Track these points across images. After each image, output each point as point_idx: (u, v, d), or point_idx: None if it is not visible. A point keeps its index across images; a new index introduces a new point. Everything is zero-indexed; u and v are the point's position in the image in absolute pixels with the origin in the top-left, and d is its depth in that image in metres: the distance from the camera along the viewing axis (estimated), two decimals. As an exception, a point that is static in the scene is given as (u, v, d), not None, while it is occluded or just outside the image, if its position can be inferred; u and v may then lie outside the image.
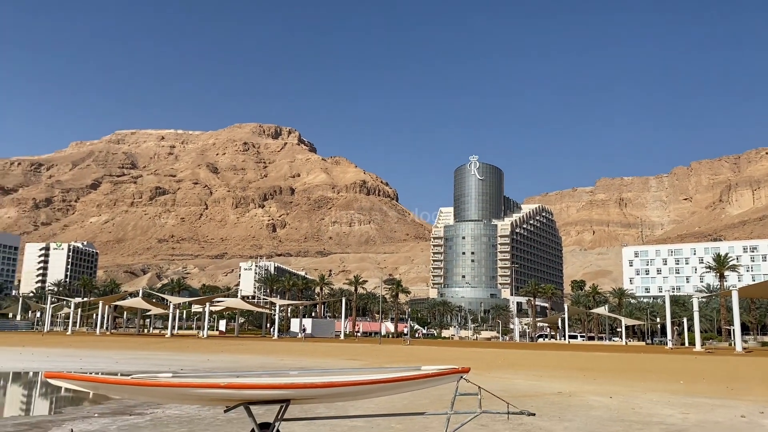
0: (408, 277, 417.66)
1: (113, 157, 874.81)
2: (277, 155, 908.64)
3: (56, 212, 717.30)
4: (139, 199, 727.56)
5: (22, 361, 43.18)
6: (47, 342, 70.07)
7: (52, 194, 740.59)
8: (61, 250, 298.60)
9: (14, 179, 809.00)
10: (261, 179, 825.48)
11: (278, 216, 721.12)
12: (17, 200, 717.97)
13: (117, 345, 67.45)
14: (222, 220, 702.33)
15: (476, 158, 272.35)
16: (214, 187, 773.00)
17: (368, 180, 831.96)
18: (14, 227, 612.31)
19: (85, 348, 60.29)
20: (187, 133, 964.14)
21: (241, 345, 72.18)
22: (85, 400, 22.00)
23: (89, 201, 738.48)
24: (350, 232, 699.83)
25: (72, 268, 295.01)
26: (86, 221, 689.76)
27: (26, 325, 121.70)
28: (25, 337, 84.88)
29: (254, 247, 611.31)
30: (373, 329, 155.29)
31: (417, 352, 59.75)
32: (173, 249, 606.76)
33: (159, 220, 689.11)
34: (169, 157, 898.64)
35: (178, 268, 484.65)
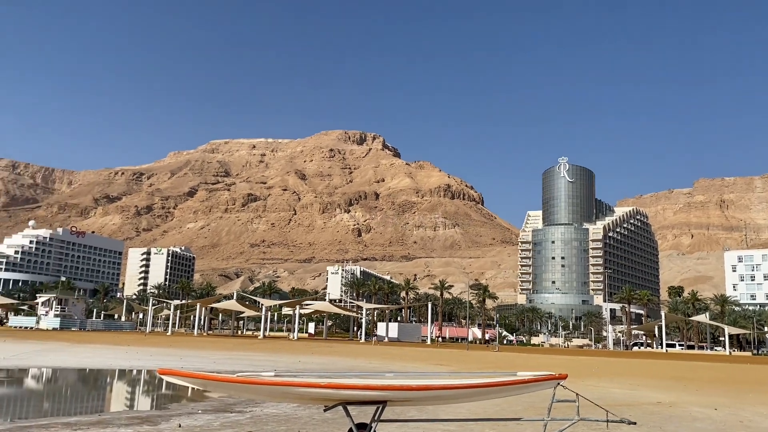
0: (495, 282, 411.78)
1: (208, 166, 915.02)
2: (362, 161, 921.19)
3: (156, 219, 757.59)
4: (233, 206, 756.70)
5: (128, 359, 45.91)
6: (150, 342, 74.10)
7: (152, 202, 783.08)
8: (161, 255, 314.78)
9: (118, 188, 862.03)
10: (346, 185, 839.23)
11: (363, 221, 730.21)
12: (121, 208, 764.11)
13: (213, 345, 70.39)
14: (309, 225, 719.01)
15: (565, 159, 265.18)
16: (302, 193, 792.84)
17: (453, 184, 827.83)
18: (118, 233, 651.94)
19: (184, 348, 63.31)
20: (277, 142, 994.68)
21: (330, 347, 73.59)
22: (185, 398, 23.15)
23: (186, 208, 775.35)
24: (435, 236, 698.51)
25: (171, 271, 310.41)
26: (184, 227, 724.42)
27: (130, 325, 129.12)
28: (129, 336, 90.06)
29: (340, 251, 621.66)
30: (459, 335, 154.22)
31: (506, 358, 58.79)
32: (264, 253, 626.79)
33: (251, 226, 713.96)
34: (260, 165, 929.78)
35: (269, 272, 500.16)
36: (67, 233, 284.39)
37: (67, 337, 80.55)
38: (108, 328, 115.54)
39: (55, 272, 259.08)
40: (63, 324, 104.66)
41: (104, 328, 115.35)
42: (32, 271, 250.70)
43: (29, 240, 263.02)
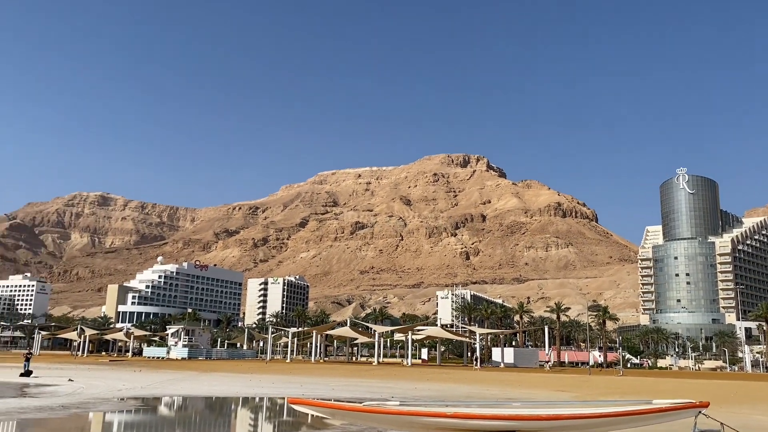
0: (614, 302, 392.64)
1: (317, 197, 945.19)
2: (466, 183, 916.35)
3: (271, 250, 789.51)
4: (342, 234, 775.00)
5: (252, 387, 47.69)
6: (271, 369, 76.72)
7: (267, 234, 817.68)
8: (278, 284, 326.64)
9: (236, 222, 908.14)
10: (452, 208, 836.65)
11: (471, 244, 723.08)
12: (239, 241, 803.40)
13: (330, 372, 71.74)
14: (417, 250, 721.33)
15: (684, 170, 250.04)
16: (408, 219, 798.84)
17: (563, 202, 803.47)
18: (238, 265, 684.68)
19: (303, 375, 64.97)
20: (381, 170, 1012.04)
21: (445, 373, 72.82)
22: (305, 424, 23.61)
23: (299, 238, 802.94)
24: (547, 257, 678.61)
25: (287, 300, 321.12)
26: (297, 257, 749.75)
27: (252, 353, 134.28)
28: (252, 364, 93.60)
29: (449, 275, 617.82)
30: (579, 359, 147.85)
31: (633, 383, 55.58)
32: (374, 279, 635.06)
33: (360, 253, 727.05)
34: (365, 193, 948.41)
35: (379, 298, 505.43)
36: (191, 267, 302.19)
37: (195, 366, 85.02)
38: (231, 357, 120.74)
39: (182, 304, 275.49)
40: (191, 353, 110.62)
41: (228, 356, 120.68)
42: (162, 303, 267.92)
43: (158, 275, 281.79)
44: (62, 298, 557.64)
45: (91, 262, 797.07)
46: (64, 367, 77.30)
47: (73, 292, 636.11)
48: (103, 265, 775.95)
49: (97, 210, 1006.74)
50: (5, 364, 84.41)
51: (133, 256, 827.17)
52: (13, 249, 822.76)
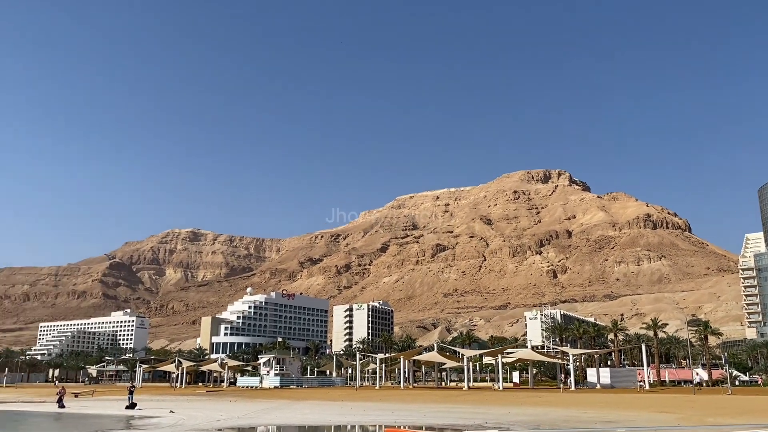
0: (715, 316, 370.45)
1: (396, 221, 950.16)
2: (548, 199, 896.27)
3: (354, 276, 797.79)
4: (423, 257, 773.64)
5: (345, 415, 47.84)
6: (361, 396, 76.85)
7: (349, 260, 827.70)
8: (362, 310, 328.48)
9: (319, 250, 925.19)
10: (535, 225, 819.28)
11: (558, 261, 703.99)
12: (323, 268, 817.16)
13: (421, 398, 71.07)
14: (501, 271, 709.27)
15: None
16: (489, 239, 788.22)
17: (653, 213, 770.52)
18: (323, 292, 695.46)
19: (393, 401, 64.67)
20: (459, 190, 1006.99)
21: (538, 397, 70.58)
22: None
23: (380, 263, 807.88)
24: (639, 271, 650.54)
25: (372, 325, 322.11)
26: (380, 282, 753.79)
27: (341, 380, 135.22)
28: (342, 392, 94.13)
29: (536, 295, 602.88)
30: (681, 377, 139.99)
31: (746, 403, 51.89)
32: (458, 302, 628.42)
33: (442, 276, 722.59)
34: (445, 215, 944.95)
35: (465, 321, 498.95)
36: (279, 296, 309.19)
37: (287, 394, 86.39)
38: (322, 384, 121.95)
39: (271, 333, 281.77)
40: (282, 382, 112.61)
41: (318, 384, 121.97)
42: (252, 333, 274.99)
43: (248, 305, 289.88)
44: (160, 332, 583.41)
45: (185, 296, 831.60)
46: (165, 398, 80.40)
47: (170, 325, 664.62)
48: (196, 299, 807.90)
49: (189, 245, 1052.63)
50: (112, 397, 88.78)
51: (224, 288, 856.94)
52: (113, 287, 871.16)
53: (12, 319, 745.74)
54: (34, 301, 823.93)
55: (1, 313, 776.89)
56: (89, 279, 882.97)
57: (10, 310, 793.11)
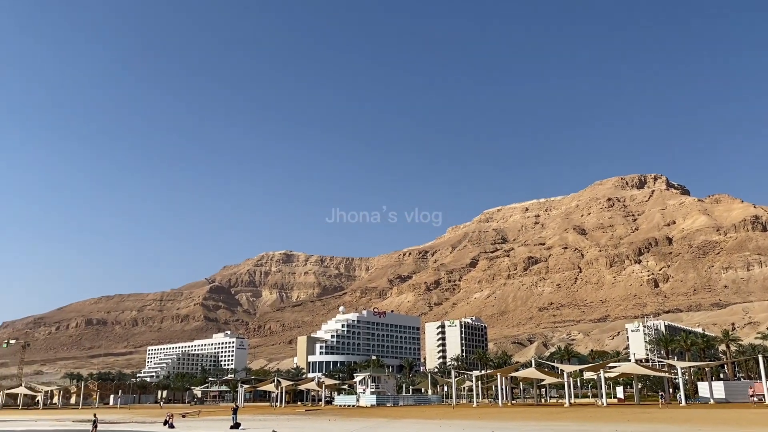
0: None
1: (485, 235, 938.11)
2: (645, 205, 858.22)
3: (444, 292, 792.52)
4: (514, 271, 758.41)
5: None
6: (458, 414, 75.63)
7: (439, 277, 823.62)
8: (454, 327, 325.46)
9: (408, 268, 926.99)
10: (632, 233, 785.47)
11: (658, 270, 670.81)
12: (413, 286, 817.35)
13: (520, 415, 69.08)
14: (598, 282, 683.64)
15: None
16: (584, 249, 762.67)
17: (762, 214, 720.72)
18: (413, 310, 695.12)
19: (492, 419, 63.18)
20: (549, 200, 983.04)
21: (646, 413, 66.91)
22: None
23: (470, 279, 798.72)
24: (749, 277, 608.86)
25: (465, 342, 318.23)
26: (471, 297, 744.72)
27: (437, 398, 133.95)
28: (439, 410, 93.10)
29: (637, 306, 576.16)
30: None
31: None
32: (554, 316, 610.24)
33: (536, 289, 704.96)
34: (535, 227, 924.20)
35: (562, 335, 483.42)
36: (370, 314, 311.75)
37: (384, 413, 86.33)
38: (418, 403, 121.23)
39: (365, 351, 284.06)
40: (379, 400, 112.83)
41: (414, 402, 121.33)
42: (346, 351, 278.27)
43: (341, 324, 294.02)
44: (258, 352, 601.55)
45: (281, 317, 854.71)
46: (266, 418, 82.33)
47: (267, 345, 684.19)
48: (291, 318, 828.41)
49: (283, 267, 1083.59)
50: (216, 417, 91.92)
51: (317, 308, 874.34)
52: (214, 310, 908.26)
53: (123, 343, 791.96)
54: (141, 326, 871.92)
55: (112, 338, 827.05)
56: (191, 303, 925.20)
57: (121, 334, 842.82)
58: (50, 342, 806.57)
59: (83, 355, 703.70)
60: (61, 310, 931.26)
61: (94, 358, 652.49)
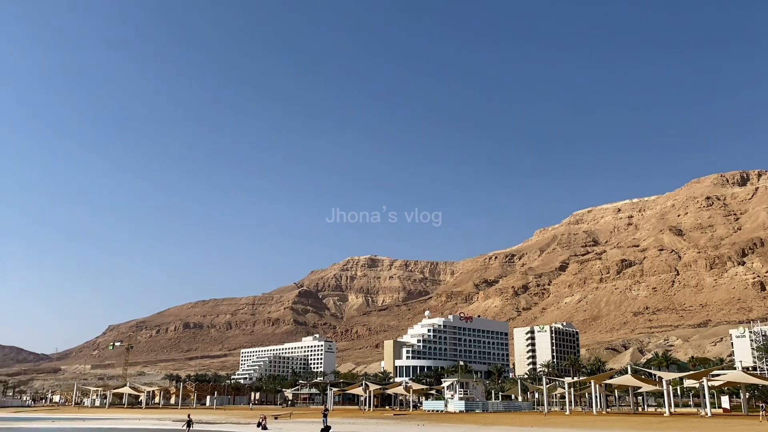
0: None
1: (575, 238, 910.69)
2: (748, 204, 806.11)
3: (533, 297, 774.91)
4: (607, 275, 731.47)
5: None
6: (550, 422, 73.33)
7: (527, 281, 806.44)
8: (544, 333, 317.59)
9: (494, 272, 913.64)
10: (734, 233, 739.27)
11: (765, 272, 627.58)
12: (499, 290, 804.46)
13: (617, 424, 66.11)
14: (697, 285, 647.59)
15: None
16: (681, 251, 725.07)
17: None
18: (501, 315, 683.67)
19: (586, 427, 60.78)
20: (643, 200, 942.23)
21: (757, 424, 62.32)
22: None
23: (560, 283, 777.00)
24: None
25: (556, 348, 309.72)
26: (561, 302, 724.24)
27: (528, 405, 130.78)
28: (530, 417, 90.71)
29: (742, 310, 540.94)
30: None
31: None
32: (650, 321, 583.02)
33: (630, 293, 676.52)
34: (628, 228, 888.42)
35: (659, 341, 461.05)
36: (457, 319, 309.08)
37: (473, 419, 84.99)
38: (508, 409, 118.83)
39: (451, 356, 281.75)
40: (467, 406, 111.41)
41: (504, 409, 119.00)
42: (433, 357, 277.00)
43: (427, 329, 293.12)
44: (346, 356, 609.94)
45: (367, 321, 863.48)
46: (355, 421, 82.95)
47: (355, 349, 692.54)
48: (377, 323, 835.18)
49: (368, 272, 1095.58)
50: (307, 419, 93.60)
51: (403, 312, 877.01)
52: (303, 313, 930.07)
53: (218, 346, 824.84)
54: (235, 329, 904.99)
55: (208, 341, 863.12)
56: (281, 307, 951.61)
57: (216, 337, 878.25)
58: (151, 344, 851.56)
59: (181, 357, 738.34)
60: (161, 314, 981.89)
61: (192, 360, 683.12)
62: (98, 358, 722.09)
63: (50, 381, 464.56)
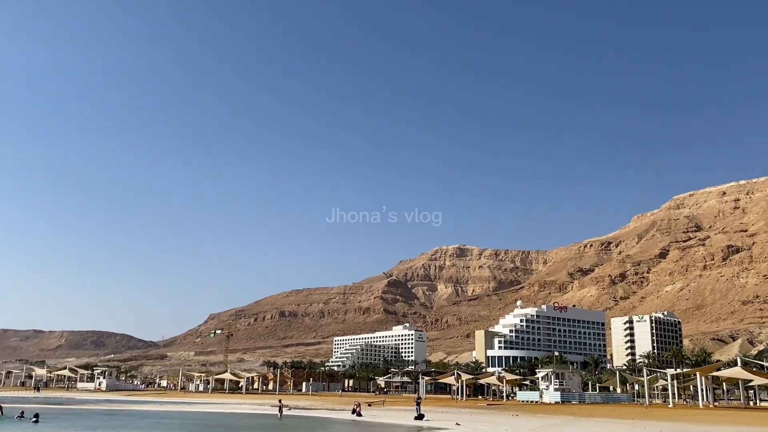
0: None
1: (676, 223, 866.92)
2: None
3: (631, 286, 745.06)
4: (711, 262, 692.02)
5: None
6: (652, 415, 70.19)
7: (624, 269, 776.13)
8: (644, 322, 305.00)
9: (589, 260, 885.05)
10: None
11: None
12: (595, 279, 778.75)
13: (726, 419, 62.41)
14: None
15: None
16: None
17: None
18: (597, 304, 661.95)
19: (693, 422, 57.71)
20: (751, 182, 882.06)
21: None
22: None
23: (660, 271, 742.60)
24: None
25: (657, 338, 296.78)
26: (661, 291, 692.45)
27: (627, 397, 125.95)
28: (630, 409, 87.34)
29: None
30: None
31: None
32: (761, 310, 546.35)
33: (737, 281, 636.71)
34: (735, 212, 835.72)
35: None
36: (551, 309, 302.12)
37: (570, 410, 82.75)
38: (606, 401, 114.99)
39: (545, 347, 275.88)
40: (563, 397, 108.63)
41: (602, 400, 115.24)
42: (525, 347, 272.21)
43: (519, 319, 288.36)
44: (436, 345, 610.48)
45: (457, 310, 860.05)
46: (448, 410, 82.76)
47: (445, 339, 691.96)
48: (467, 312, 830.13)
49: (457, 261, 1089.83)
50: (399, 407, 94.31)
51: (493, 302, 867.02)
52: (392, 303, 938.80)
53: (311, 334, 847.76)
54: (327, 318, 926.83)
55: (302, 329, 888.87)
56: (371, 296, 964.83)
57: (310, 326, 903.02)
58: (249, 332, 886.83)
59: (278, 345, 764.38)
60: (258, 303, 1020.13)
61: (287, 348, 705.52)
62: (201, 345, 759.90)
63: (158, 367, 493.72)
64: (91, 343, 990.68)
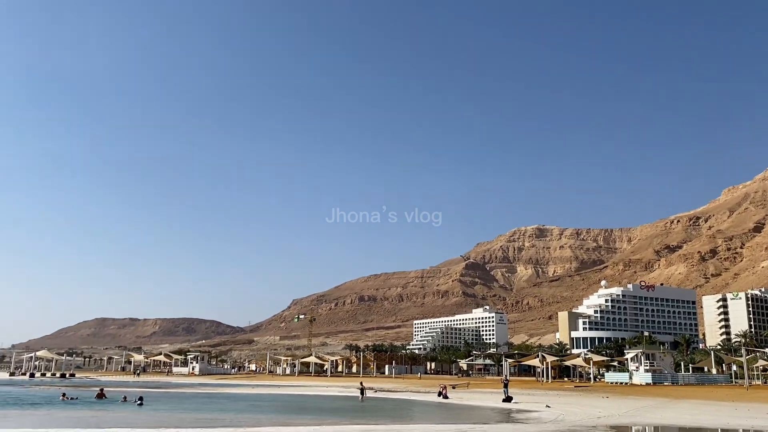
0: None
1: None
2: None
3: (723, 262, 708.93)
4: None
5: (743, 417, 41.89)
6: (754, 396, 67.01)
7: (715, 245, 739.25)
8: (739, 300, 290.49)
9: (676, 237, 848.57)
10: None
11: None
12: (684, 256, 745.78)
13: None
14: None
15: None
16: None
17: None
18: (686, 282, 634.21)
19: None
20: None
21: None
22: None
23: (755, 245, 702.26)
24: None
25: (753, 317, 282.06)
26: (757, 267, 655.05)
27: (724, 378, 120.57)
28: (727, 390, 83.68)
29: None
30: None
31: None
32: None
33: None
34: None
35: None
36: (637, 288, 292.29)
37: (662, 392, 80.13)
38: (700, 382, 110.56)
39: (632, 327, 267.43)
40: (654, 379, 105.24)
41: (696, 381, 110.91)
42: (611, 327, 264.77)
43: (604, 299, 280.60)
44: (518, 327, 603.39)
45: (538, 292, 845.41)
46: (534, 392, 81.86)
47: (526, 321, 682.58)
48: (549, 294, 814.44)
49: (536, 242, 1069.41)
50: (484, 389, 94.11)
51: (576, 283, 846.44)
52: (471, 286, 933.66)
53: (391, 317, 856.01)
54: (406, 302, 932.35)
55: (382, 313, 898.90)
56: (449, 279, 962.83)
57: (389, 309, 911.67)
58: (331, 317, 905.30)
59: (359, 329, 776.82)
60: (338, 288, 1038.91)
61: (368, 331, 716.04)
62: (285, 329, 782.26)
63: (245, 351, 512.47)
64: (182, 329, 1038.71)
